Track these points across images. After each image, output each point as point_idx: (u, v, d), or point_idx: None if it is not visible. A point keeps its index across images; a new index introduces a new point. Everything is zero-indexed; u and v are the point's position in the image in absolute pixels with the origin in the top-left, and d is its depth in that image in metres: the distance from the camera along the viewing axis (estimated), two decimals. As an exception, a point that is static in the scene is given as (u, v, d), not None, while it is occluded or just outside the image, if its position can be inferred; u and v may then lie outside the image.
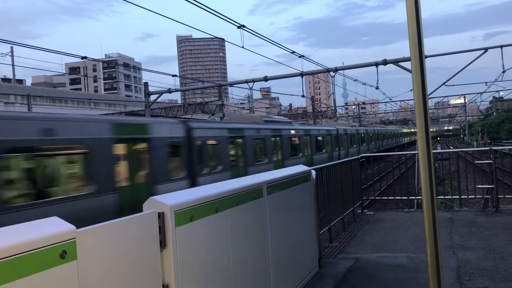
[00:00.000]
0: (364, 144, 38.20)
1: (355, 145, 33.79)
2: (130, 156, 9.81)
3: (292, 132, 19.33)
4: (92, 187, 8.58)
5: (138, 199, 9.32)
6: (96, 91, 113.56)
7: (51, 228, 1.93)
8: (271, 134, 17.15)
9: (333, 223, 6.99)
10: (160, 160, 10.67)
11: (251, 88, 28.75)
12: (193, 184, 11.65)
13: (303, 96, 30.15)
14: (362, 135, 38.72)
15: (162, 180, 10.63)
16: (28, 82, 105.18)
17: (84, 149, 8.53)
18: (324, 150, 23.52)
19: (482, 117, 76.65)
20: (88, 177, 8.56)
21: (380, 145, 46.05)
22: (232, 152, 14.26)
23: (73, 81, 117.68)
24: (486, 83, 46.64)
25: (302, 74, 26.86)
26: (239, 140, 14.72)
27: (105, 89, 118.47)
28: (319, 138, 23.02)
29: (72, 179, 8.38)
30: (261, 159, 16.01)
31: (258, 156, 15.78)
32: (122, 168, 9.51)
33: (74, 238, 1.98)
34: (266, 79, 27.59)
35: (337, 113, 75.61)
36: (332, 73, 28.71)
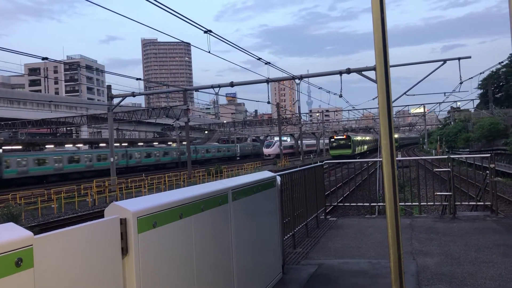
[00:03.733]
0: (365, 146, 67.24)
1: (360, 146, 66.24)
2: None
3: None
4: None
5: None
6: (57, 93, 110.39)
7: (6, 235, 1.84)
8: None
9: (297, 229, 7.02)
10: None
11: (217, 94, 28.70)
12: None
13: (268, 102, 30.40)
14: (363, 140, 69.04)
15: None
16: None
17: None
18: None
19: (440, 126, 79.25)
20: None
21: (374, 145, 72.18)
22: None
23: (33, 83, 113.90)
24: (444, 93, 48.44)
25: (268, 81, 27.04)
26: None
27: (67, 91, 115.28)
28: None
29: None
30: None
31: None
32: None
33: (31, 245, 1.90)
34: (232, 84, 27.62)
35: (302, 120, 76.52)
36: (297, 81, 29.03)
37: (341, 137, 64.70)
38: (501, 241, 6.62)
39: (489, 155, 9.32)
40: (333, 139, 65.16)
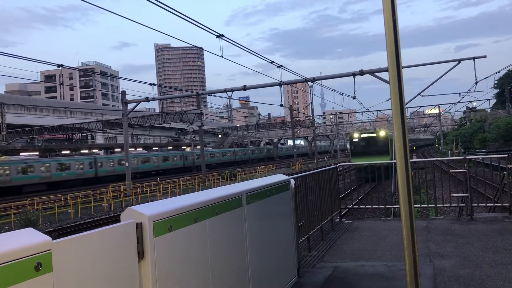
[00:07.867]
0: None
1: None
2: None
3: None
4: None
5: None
6: (72, 99, 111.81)
7: (26, 240, 1.88)
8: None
9: (311, 232, 7.01)
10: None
11: (230, 97, 28.79)
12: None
13: (281, 105, 30.37)
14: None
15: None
16: (2, 90, 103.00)
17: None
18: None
19: (456, 127, 78.25)
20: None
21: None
22: None
23: (49, 89, 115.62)
24: (460, 93, 47.96)
25: (280, 84, 27.05)
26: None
27: (82, 98, 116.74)
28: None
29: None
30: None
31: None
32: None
33: (50, 249, 1.93)
34: (245, 88, 27.66)
35: (315, 122, 76.40)
36: (310, 83, 28.97)
37: None
38: (520, 243, 6.51)
39: (506, 155, 9.18)
40: None
